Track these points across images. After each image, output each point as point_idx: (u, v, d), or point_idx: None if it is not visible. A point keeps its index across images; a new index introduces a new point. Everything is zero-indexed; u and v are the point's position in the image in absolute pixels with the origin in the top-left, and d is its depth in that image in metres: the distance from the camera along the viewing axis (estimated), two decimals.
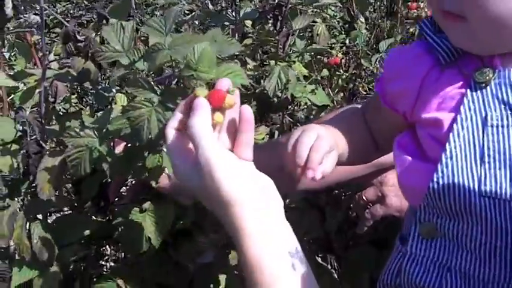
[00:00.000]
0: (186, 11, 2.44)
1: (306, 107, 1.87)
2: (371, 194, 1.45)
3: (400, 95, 0.90)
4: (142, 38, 1.27)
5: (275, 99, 1.67)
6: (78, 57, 1.13)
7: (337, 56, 1.99)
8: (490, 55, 0.82)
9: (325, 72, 1.91)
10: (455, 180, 0.79)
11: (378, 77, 0.98)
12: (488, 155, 0.79)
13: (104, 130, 1.02)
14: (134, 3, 1.17)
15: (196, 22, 2.06)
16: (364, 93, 2.11)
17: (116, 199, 1.31)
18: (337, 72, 2.00)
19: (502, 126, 0.79)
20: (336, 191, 1.58)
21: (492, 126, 0.79)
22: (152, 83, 0.91)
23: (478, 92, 0.81)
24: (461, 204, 0.80)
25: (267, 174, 0.86)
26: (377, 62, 1.96)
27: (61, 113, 1.23)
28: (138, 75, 0.93)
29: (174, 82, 1.02)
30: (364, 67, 2.05)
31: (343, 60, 2.02)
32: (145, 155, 1.09)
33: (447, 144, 0.81)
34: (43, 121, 1.16)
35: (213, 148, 0.79)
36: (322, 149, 0.85)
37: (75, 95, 1.85)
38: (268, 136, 1.69)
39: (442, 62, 0.85)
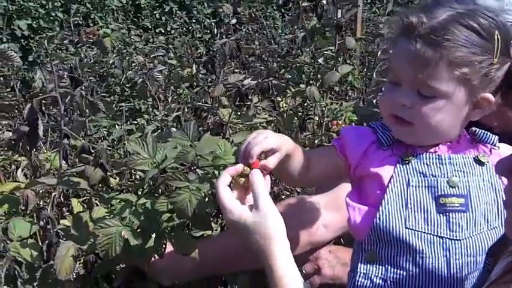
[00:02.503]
0: None
1: None
2: (309, 268, 1.82)
3: (352, 150, 1.32)
4: None
5: None
6: (89, 166, 1.46)
7: None
8: (415, 145, 1.28)
9: None
10: (390, 219, 1.21)
11: (337, 138, 1.39)
12: (410, 203, 1.22)
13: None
14: None
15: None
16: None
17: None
18: None
19: (419, 187, 1.23)
20: None
21: (412, 186, 1.23)
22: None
23: (404, 165, 1.25)
24: (393, 235, 1.21)
25: None
26: None
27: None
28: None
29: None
30: None
31: None
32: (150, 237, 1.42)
33: (385, 194, 1.23)
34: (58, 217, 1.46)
35: (268, 199, 1.21)
36: (257, 148, 1.21)
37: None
38: None
39: (383, 144, 1.29)
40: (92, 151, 1.46)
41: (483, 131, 1.30)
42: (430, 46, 1.14)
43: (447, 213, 1.21)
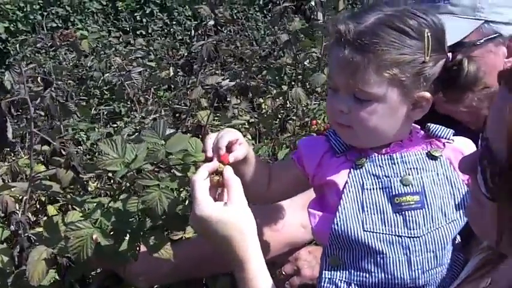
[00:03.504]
0: None
1: None
2: (288, 269, 1.80)
3: (307, 161, 1.33)
4: None
5: None
6: (61, 168, 1.43)
7: None
8: (365, 148, 1.29)
9: None
10: (347, 223, 1.22)
11: (294, 151, 1.40)
12: (366, 206, 1.23)
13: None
14: None
15: None
16: None
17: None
18: None
19: (373, 189, 1.24)
20: None
21: (367, 189, 1.24)
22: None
23: (358, 170, 1.25)
24: (352, 239, 1.22)
25: None
26: None
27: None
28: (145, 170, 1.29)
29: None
30: None
31: None
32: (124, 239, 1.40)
33: (341, 200, 1.24)
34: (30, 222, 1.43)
35: (243, 195, 1.22)
36: (224, 139, 1.25)
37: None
38: None
39: (336, 151, 1.30)
40: (64, 153, 1.43)
41: (438, 126, 1.31)
42: (358, 51, 1.16)
43: (403, 212, 1.22)
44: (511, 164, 0.77)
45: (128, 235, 1.40)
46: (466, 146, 1.30)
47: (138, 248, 1.42)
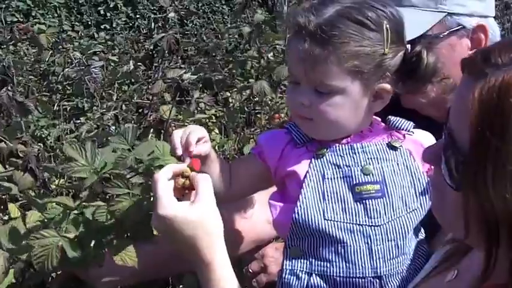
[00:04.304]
0: None
1: None
2: (255, 266, 1.78)
3: (269, 154, 1.32)
4: None
5: None
6: (18, 171, 1.38)
7: None
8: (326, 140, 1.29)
9: None
10: (308, 212, 1.23)
11: (255, 146, 1.41)
12: (327, 195, 1.23)
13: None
14: None
15: None
16: None
17: None
18: None
19: (334, 178, 1.24)
20: None
21: (328, 178, 1.24)
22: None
23: (319, 160, 1.26)
24: (313, 228, 1.22)
25: None
26: None
27: None
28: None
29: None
30: None
31: None
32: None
33: (302, 190, 1.24)
34: None
35: (212, 196, 1.17)
36: (194, 135, 1.22)
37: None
38: None
39: (297, 142, 1.30)
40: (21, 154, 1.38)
41: (398, 118, 1.32)
42: (318, 44, 1.16)
43: (364, 201, 1.23)
44: (473, 152, 0.76)
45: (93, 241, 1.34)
46: (425, 138, 1.31)
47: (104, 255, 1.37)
